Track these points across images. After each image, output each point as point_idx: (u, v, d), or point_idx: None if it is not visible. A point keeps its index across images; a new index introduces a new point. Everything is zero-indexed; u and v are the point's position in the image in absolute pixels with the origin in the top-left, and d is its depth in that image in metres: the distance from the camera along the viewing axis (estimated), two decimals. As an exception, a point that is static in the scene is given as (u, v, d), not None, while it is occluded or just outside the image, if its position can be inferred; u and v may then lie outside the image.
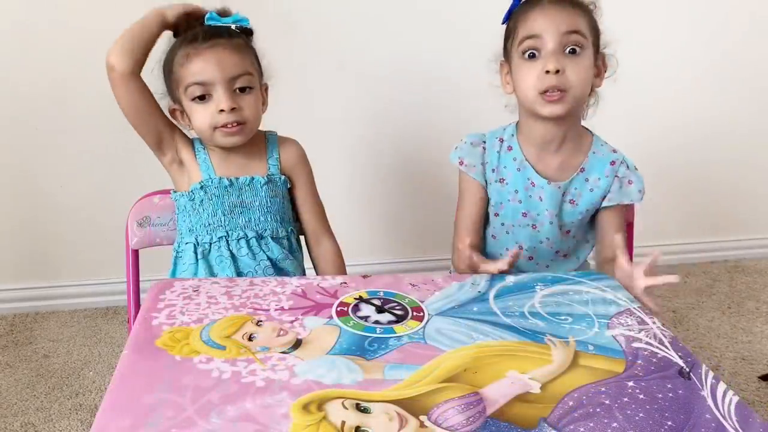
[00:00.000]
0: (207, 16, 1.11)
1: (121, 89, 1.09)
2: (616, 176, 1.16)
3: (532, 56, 1.08)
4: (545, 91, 1.07)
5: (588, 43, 1.08)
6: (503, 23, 1.17)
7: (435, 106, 1.98)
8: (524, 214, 1.17)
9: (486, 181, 1.18)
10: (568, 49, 1.06)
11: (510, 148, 1.17)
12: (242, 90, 1.10)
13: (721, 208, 2.35)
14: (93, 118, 1.75)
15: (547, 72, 1.05)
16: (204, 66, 1.07)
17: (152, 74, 1.14)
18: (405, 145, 2.02)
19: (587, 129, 1.20)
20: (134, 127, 1.13)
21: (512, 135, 1.18)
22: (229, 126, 1.09)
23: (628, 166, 1.17)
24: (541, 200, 1.16)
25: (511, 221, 1.19)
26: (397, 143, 2.01)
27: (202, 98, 1.09)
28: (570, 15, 1.07)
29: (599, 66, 1.13)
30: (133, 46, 1.07)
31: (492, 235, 1.23)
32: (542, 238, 1.19)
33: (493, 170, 1.17)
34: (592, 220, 1.22)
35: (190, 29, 1.10)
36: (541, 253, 1.20)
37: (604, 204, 1.17)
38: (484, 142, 1.19)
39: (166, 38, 1.14)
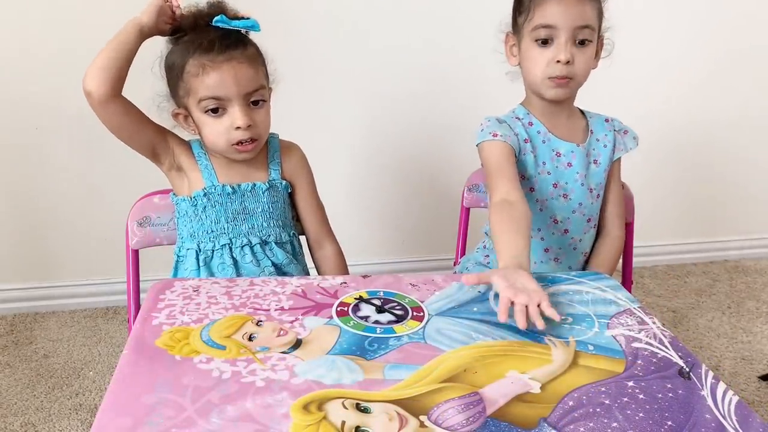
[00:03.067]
0: (216, 19, 1.06)
1: (102, 113, 1.06)
2: (614, 130, 1.25)
3: (545, 43, 1.12)
4: (553, 77, 1.13)
5: (595, 34, 1.14)
6: None
7: (436, 106, 1.98)
8: (555, 185, 1.20)
9: (519, 151, 1.18)
10: (578, 41, 1.12)
11: (531, 124, 1.20)
12: (255, 103, 1.08)
13: (721, 208, 2.35)
14: (92, 119, 1.74)
15: (558, 61, 1.11)
16: (221, 80, 1.04)
17: (152, 72, 1.12)
18: (405, 145, 2.02)
19: None
20: (125, 143, 1.11)
21: (527, 113, 1.21)
22: (245, 144, 1.08)
23: (615, 120, 1.27)
24: (571, 165, 1.20)
25: (545, 195, 1.20)
26: (398, 143, 2.01)
27: (215, 111, 1.06)
28: (584, 7, 1.11)
29: (597, 48, 1.18)
30: (111, 69, 1.03)
31: None
32: (574, 205, 1.21)
33: (525, 140, 1.19)
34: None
35: (198, 30, 1.07)
36: (575, 224, 1.21)
37: (616, 155, 1.24)
38: (505, 121, 1.21)
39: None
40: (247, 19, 1.09)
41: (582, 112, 1.26)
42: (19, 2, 1.68)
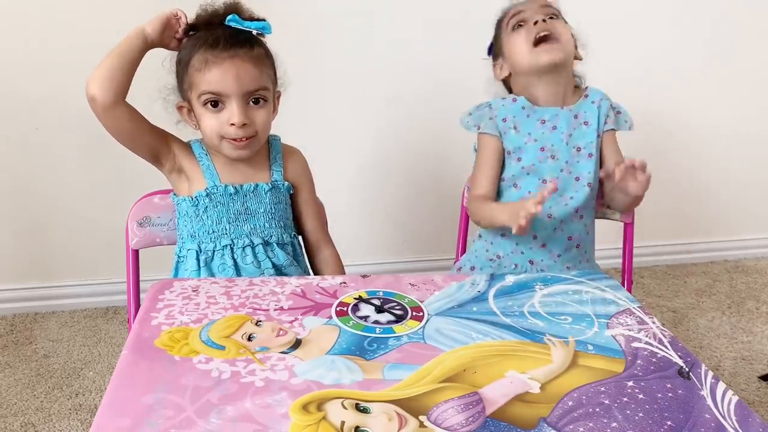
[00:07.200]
0: (228, 18, 1.07)
1: (105, 119, 1.06)
2: (610, 104, 1.29)
3: (520, 26, 1.24)
4: (538, 42, 1.21)
5: (561, 16, 1.26)
6: (488, 54, 1.34)
7: (436, 106, 1.98)
8: (542, 149, 1.25)
9: (500, 132, 1.27)
10: (548, 17, 1.23)
11: (515, 99, 1.27)
12: (255, 102, 1.09)
13: (721, 209, 2.35)
14: (93, 118, 1.74)
15: (535, 23, 1.21)
16: (222, 76, 1.05)
17: (163, 67, 1.13)
18: (406, 145, 2.02)
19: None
20: (126, 147, 1.11)
21: (513, 95, 1.29)
22: (238, 140, 1.08)
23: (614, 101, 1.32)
24: (555, 128, 1.25)
25: (533, 161, 1.25)
26: (398, 144, 2.01)
27: (214, 105, 1.07)
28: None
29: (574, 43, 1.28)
30: (114, 75, 1.04)
31: (514, 184, 1.27)
32: (562, 164, 1.25)
33: (504, 120, 1.26)
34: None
35: (211, 28, 1.08)
36: (564, 182, 1.25)
37: (608, 126, 1.27)
38: (490, 104, 1.30)
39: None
40: (261, 20, 1.10)
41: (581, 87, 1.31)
42: (19, 2, 1.68)
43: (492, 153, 1.27)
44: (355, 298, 0.91)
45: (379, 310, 0.88)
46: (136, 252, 1.19)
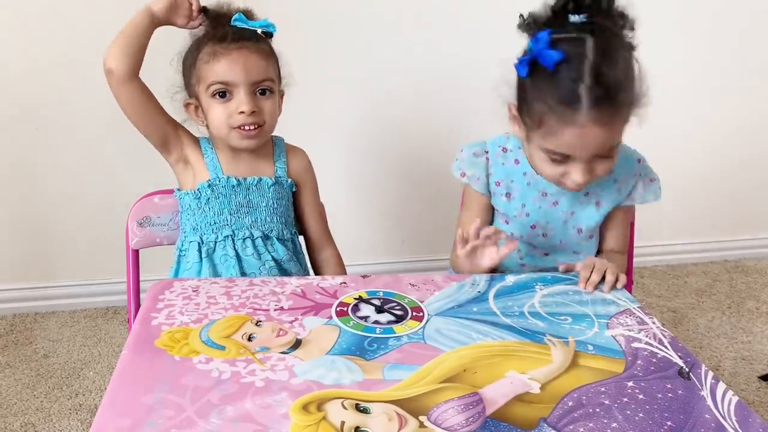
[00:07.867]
0: (234, 17, 1.11)
1: (121, 92, 1.08)
2: (640, 175, 1.13)
3: (565, 158, 0.99)
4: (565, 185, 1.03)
5: (619, 146, 1.02)
6: (521, 75, 1.01)
7: (437, 106, 1.98)
8: (533, 227, 1.12)
9: (490, 192, 1.14)
10: (596, 157, 0.99)
11: (517, 162, 1.11)
12: (262, 93, 1.11)
13: (721, 208, 2.35)
14: (93, 118, 1.75)
15: (576, 185, 1.01)
16: (230, 66, 1.08)
17: (171, 66, 1.15)
18: (406, 145, 2.02)
19: None
20: (137, 127, 1.13)
21: (518, 147, 1.12)
22: (246, 128, 1.10)
23: (645, 164, 1.15)
24: (557, 204, 1.11)
25: (519, 232, 1.13)
26: (399, 143, 2.01)
27: (222, 95, 1.09)
28: (609, 134, 0.96)
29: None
30: (129, 48, 1.07)
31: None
32: (555, 242, 1.14)
33: (498, 183, 1.13)
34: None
35: (218, 28, 1.11)
36: (555, 253, 1.15)
37: (626, 202, 1.14)
38: (486, 151, 1.14)
39: (183, 33, 1.14)
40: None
41: None
42: (19, 2, 1.68)
43: (480, 208, 1.15)
44: (355, 299, 0.91)
45: (379, 310, 0.88)
46: (136, 252, 1.20)
